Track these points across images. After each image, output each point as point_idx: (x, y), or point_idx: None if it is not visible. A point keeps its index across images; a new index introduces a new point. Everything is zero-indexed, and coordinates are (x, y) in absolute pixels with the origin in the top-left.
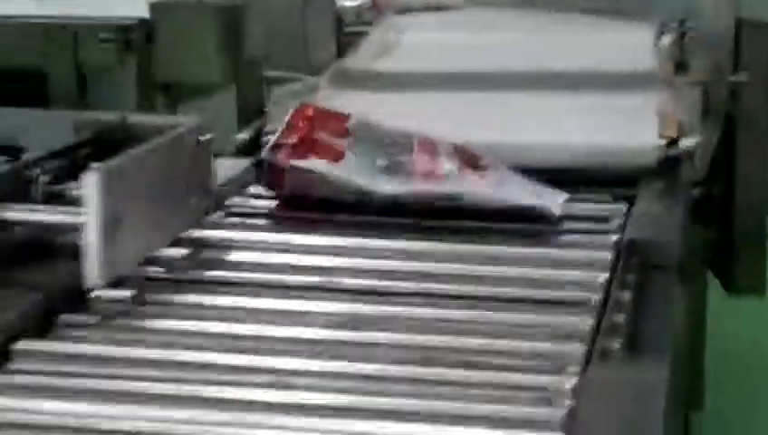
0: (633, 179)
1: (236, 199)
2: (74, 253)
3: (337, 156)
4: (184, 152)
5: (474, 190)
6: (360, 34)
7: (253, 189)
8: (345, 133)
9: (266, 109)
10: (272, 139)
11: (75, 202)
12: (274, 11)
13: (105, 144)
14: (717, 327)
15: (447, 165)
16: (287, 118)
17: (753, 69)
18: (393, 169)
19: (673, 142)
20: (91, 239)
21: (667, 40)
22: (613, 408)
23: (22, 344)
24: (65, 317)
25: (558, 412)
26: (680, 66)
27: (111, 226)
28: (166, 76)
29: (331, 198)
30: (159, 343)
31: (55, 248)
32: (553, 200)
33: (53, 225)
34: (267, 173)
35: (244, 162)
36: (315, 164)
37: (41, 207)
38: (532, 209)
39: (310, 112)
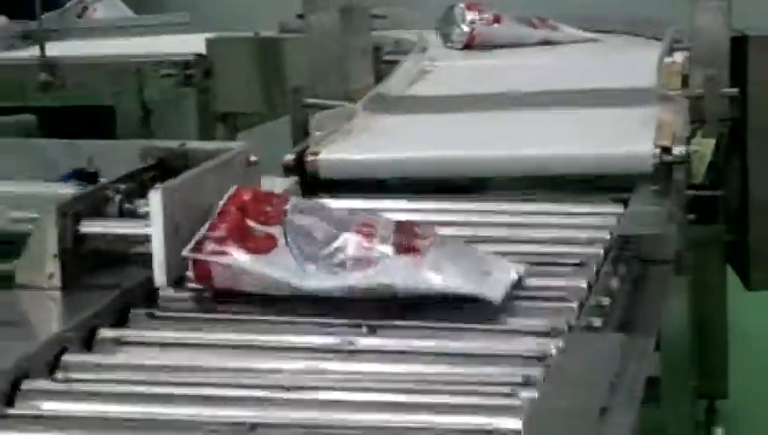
0: (632, 184)
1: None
2: (144, 260)
3: (267, 246)
4: (234, 172)
5: (406, 280)
6: (397, 62)
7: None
8: (280, 218)
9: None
10: (198, 233)
11: (144, 217)
12: (315, 42)
13: (168, 168)
14: (742, 318)
15: (382, 248)
16: (220, 205)
17: (761, 78)
18: (324, 258)
19: (667, 150)
20: (157, 246)
21: (671, 59)
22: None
23: (101, 333)
24: (136, 311)
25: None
26: (683, 81)
27: (173, 235)
28: (223, 107)
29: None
30: (212, 330)
31: (128, 256)
32: (497, 284)
33: (126, 235)
34: (194, 269)
35: (290, 180)
36: (239, 260)
37: (115, 221)
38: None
39: (245, 197)
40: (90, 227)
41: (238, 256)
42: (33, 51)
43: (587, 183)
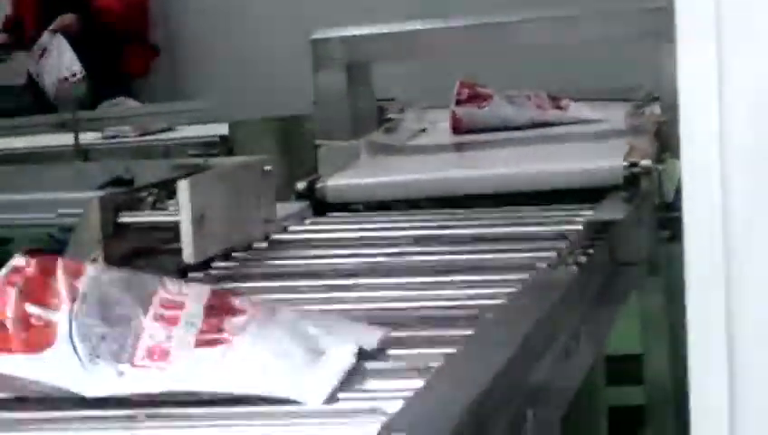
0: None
1: (294, 227)
2: (175, 249)
3: (44, 341)
4: (251, 177)
5: (203, 383)
6: (399, 120)
7: (308, 220)
8: (71, 297)
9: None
10: None
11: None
12: (322, 98)
13: None
14: None
15: (182, 337)
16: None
17: None
18: (112, 353)
19: (634, 165)
20: (185, 230)
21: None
22: None
23: None
24: None
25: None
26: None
27: (198, 222)
28: None
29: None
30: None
31: (162, 250)
32: (325, 377)
33: (159, 223)
34: None
35: (302, 204)
36: (5, 364)
37: (149, 213)
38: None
39: (29, 271)
40: (127, 217)
41: (5, 360)
42: (68, 139)
43: (565, 193)
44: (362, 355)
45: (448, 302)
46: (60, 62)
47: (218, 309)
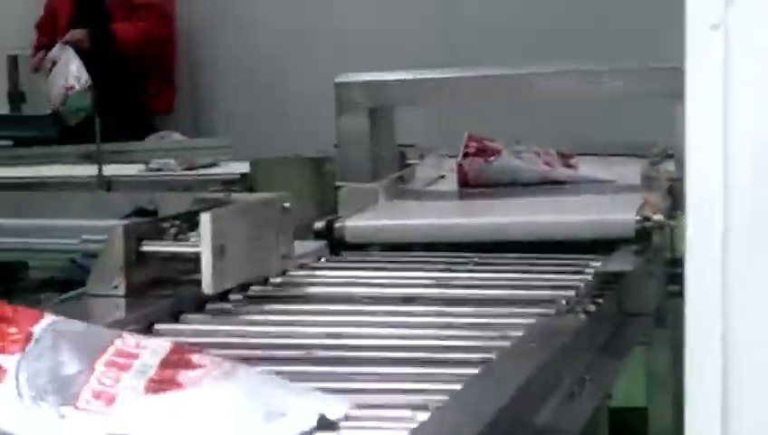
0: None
1: (311, 264)
2: (195, 281)
3: None
4: (271, 213)
5: (148, 431)
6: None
7: (324, 259)
8: (25, 340)
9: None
10: None
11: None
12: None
13: None
14: None
15: (130, 382)
16: None
17: None
18: (57, 397)
19: (647, 220)
20: (206, 260)
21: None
22: None
23: (158, 326)
24: (187, 316)
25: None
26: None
27: (219, 253)
28: None
29: None
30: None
31: (182, 280)
32: None
33: (180, 253)
34: None
35: (319, 243)
36: None
37: (171, 242)
38: None
39: None
40: (149, 246)
41: None
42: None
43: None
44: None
45: (454, 342)
46: (67, 70)
47: (175, 362)
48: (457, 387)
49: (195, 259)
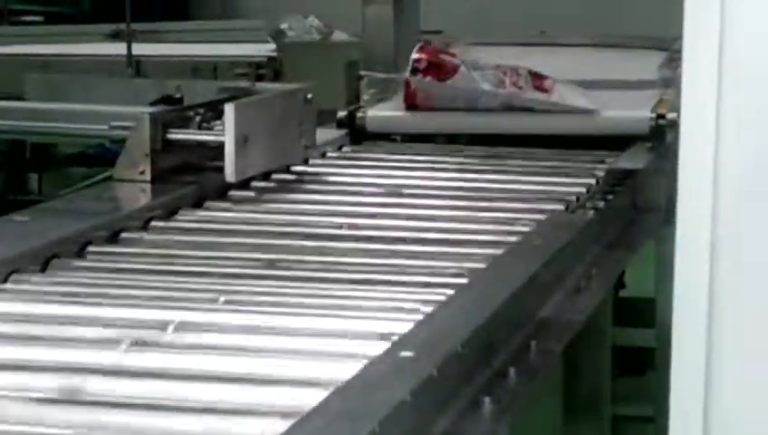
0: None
1: (332, 153)
2: (218, 167)
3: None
4: (294, 104)
5: None
6: None
7: (345, 148)
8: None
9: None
10: None
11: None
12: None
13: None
14: None
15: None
16: None
17: None
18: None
19: (661, 117)
20: (229, 150)
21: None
22: None
23: (182, 212)
24: (210, 202)
25: None
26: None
27: (242, 143)
28: None
29: None
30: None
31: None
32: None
33: (204, 142)
34: None
35: (341, 132)
36: None
37: (196, 131)
38: None
39: None
40: (175, 134)
41: None
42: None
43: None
44: None
45: (463, 235)
46: None
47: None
48: (463, 281)
49: (218, 148)
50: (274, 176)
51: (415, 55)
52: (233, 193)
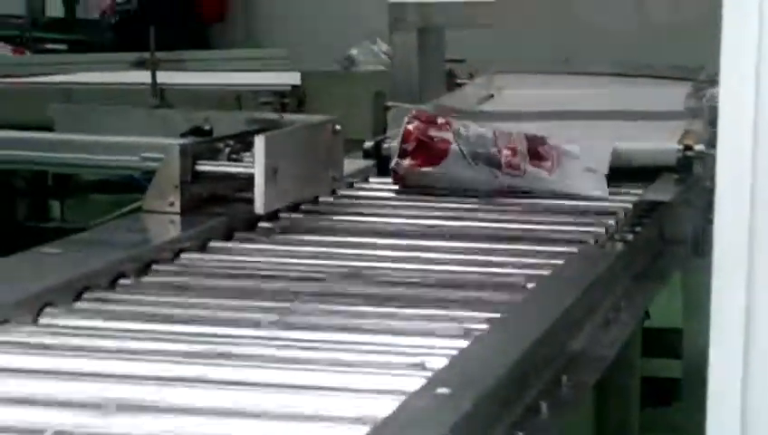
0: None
1: (359, 184)
2: (248, 200)
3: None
4: (322, 136)
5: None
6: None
7: (372, 179)
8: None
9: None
10: None
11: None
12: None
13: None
14: None
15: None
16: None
17: None
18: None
19: (689, 149)
20: (258, 182)
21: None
22: None
23: (212, 244)
24: (240, 234)
25: None
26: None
27: (271, 175)
28: None
29: None
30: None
31: (235, 198)
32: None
33: (234, 174)
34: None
35: (368, 162)
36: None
37: (226, 163)
38: None
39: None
40: (205, 166)
41: None
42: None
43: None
44: None
45: (498, 269)
46: None
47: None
48: (498, 315)
49: (248, 179)
50: (303, 206)
51: (405, 127)
52: (261, 225)
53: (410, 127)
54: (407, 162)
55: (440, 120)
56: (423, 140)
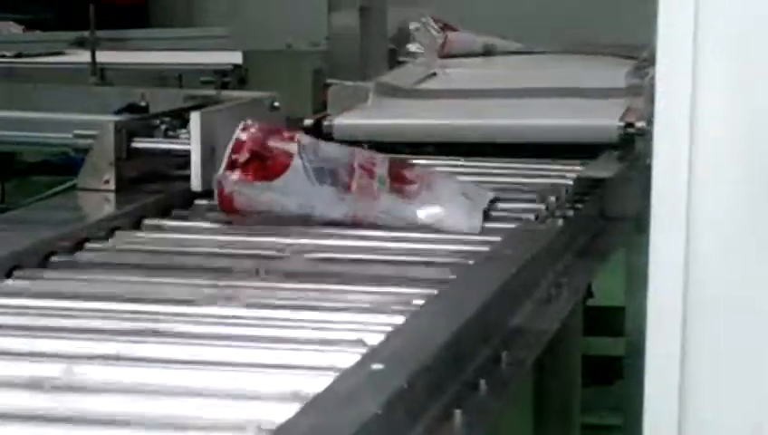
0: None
1: None
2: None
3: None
4: (261, 112)
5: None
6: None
7: None
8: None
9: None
10: None
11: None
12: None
13: None
14: None
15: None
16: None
17: None
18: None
19: (630, 126)
20: (195, 159)
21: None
22: None
23: (147, 221)
24: (176, 211)
25: None
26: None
27: (208, 152)
28: None
29: None
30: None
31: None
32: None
33: (170, 150)
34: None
35: None
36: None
37: (162, 140)
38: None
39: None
40: (140, 143)
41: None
42: (84, 56)
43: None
44: None
45: (432, 245)
46: None
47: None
48: (434, 291)
49: (184, 156)
50: None
51: (236, 137)
52: (198, 202)
53: (243, 136)
54: (235, 175)
55: (286, 133)
56: (258, 152)
